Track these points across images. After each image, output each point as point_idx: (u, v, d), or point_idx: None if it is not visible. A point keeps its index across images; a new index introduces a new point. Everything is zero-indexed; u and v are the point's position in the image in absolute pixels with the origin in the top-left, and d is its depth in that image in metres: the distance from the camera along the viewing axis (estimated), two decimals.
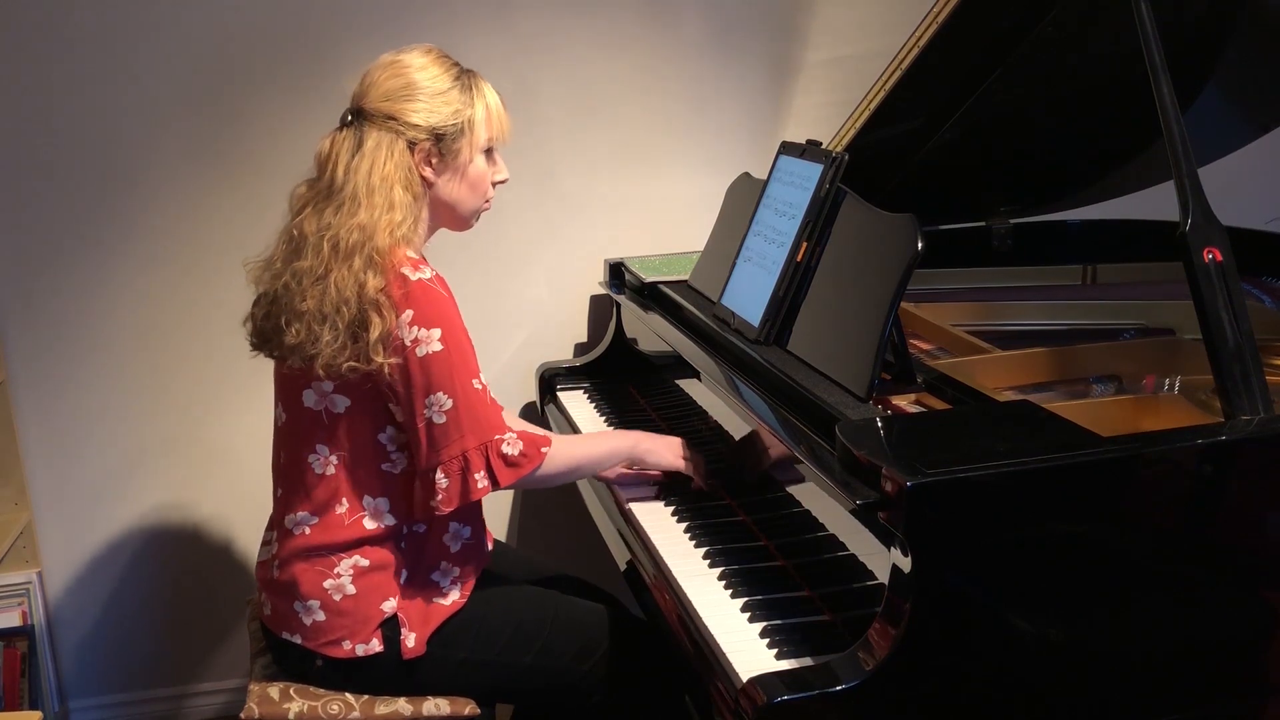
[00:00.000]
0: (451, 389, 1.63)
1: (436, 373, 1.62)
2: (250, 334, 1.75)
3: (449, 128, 1.68)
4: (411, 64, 1.69)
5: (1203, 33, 1.98)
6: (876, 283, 1.66)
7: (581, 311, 2.68)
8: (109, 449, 2.48)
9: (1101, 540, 1.39)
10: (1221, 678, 1.47)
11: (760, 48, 2.61)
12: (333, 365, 1.60)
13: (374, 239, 1.61)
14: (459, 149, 1.70)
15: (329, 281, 1.60)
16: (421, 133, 1.67)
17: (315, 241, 1.62)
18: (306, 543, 1.72)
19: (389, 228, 1.62)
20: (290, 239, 1.68)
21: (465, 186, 1.73)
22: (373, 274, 1.60)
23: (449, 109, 1.68)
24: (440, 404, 1.62)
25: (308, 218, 1.66)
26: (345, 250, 1.60)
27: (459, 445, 1.64)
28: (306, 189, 1.71)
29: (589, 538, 2.08)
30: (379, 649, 1.71)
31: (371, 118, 1.66)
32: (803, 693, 1.30)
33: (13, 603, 2.44)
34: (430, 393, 1.62)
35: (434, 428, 1.63)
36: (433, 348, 1.61)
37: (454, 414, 1.63)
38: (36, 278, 2.37)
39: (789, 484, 1.71)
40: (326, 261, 1.61)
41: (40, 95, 2.29)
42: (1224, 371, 1.48)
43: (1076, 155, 2.30)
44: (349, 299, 1.59)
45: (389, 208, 1.63)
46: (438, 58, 1.71)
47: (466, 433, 1.64)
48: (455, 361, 1.63)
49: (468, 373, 1.65)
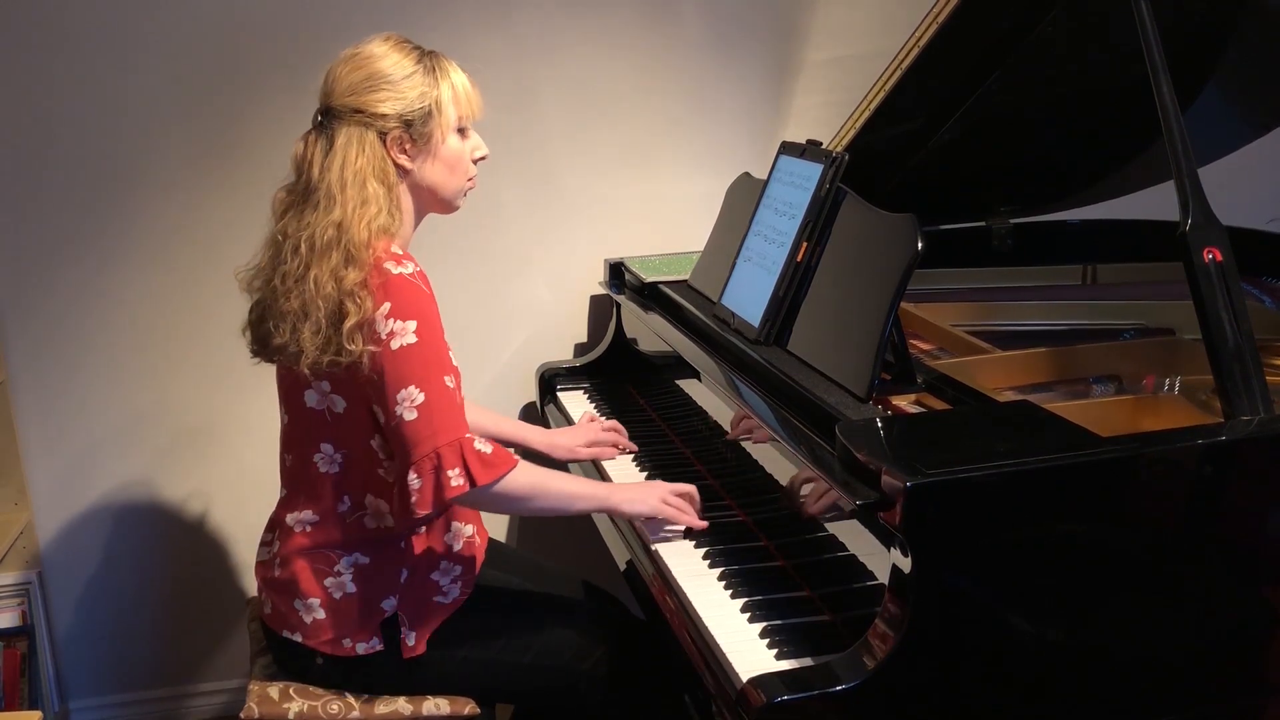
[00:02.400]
0: (425, 383, 1.60)
1: (409, 366, 1.60)
2: (250, 342, 1.75)
3: (417, 112, 1.67)
4: (372, 54, 1.68)
5: (1203, 33, 1.98)
6: (876, 283, 1.66)
7: (581, 311, 2.68)
8: (109, 449, 2.48)
9: (1101, 540, 1.39)
10: (1221, 678, 1.47)
11: (760, 48, 2.61)
12: (317, 363, 1.60)
13: (349, 233, 1.61)
14: (430, 131, 1.69)
15: (308, 280, 1.60)
16: (390, 121, 1.66)
17: (294, 242, 1.63)
18: (307, 541, 1.72)
19: (364, 220, 1.62)
20: (274, 244, 1.69)
21: (443, 168, 1.72)
22: (352, 268, 1.59)
23: (414, 93, 1.67)
24: (412, 399, 1.60)
25: (289, 221, 1.66)
26: (322, 247, 1.60)
27: (430, 443, 1.60)
28: (286, 194, 1.71)
29: (589, 538, 2.08)
30: (379, 648, 1.71)
31: (340, 114, 1.66)
32: (803, 693, 1.30)
33: (13, 603, 2.44)
34: (403, 386, 1.60)
35: (405, 425, 1.60)
36: (407, 340, 1.60)
37: (425, 409, 1.60)
38: (36, 278, 2.37)
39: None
40: (305, 260, 1.61)
41: (40, 95, 2.29)
42: (1224, 371, 1.48)
43: (1076, 155, 2.30)
44: (328, 294, 1.59)
45: (363, 202, 1.63)
46: (397, 44, 1.70)
47: (439, 429, 1.60)
48: (429, 356, 1.62)
49: (440, 369, 1.63)
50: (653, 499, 1.77)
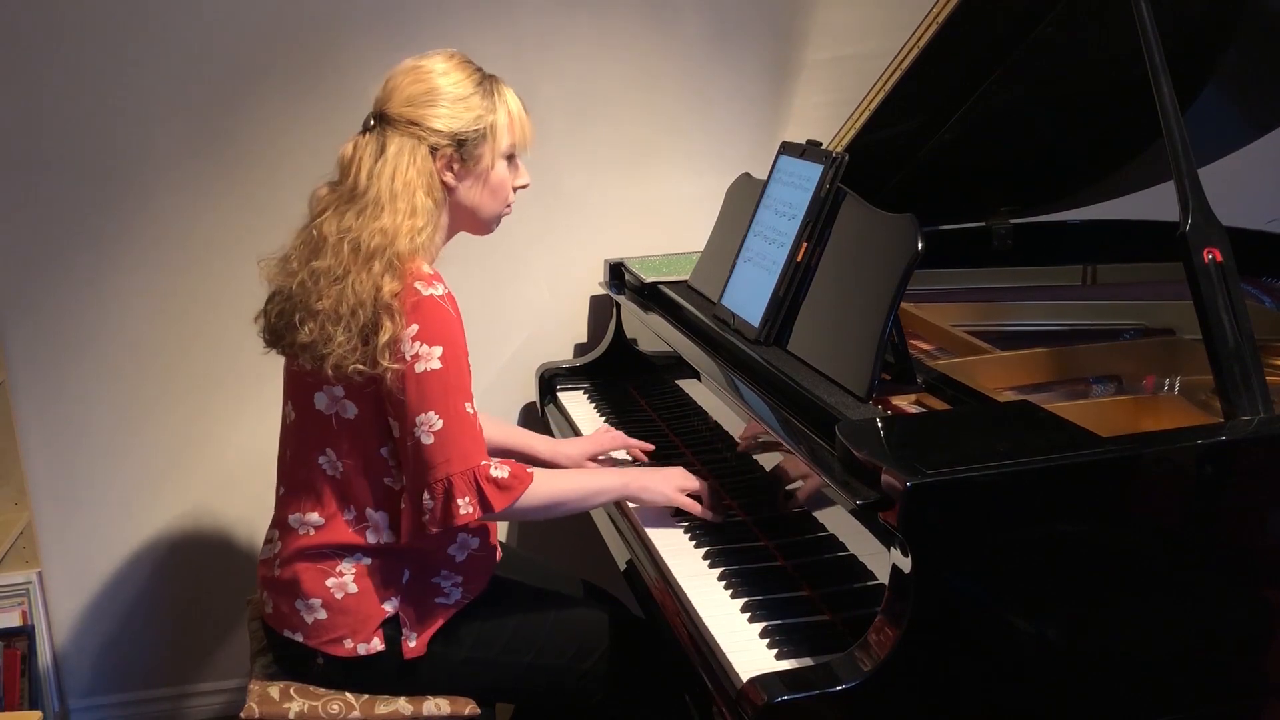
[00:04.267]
0: (444, 410, 1.61)
1: (431, 391, 1.61)
2: (263, 330, 1.75)
3: (471, 133, 1.68)
4: (434, 69, 1.68)
5: (1203, 33, 1.98)
6: (876, 283, 1.66)
7: (581, 311, 2.68)
8: (109, 448, 2.48)
9: (1101, 540, 1.39)
10: (1221, 678, 1.47)
11: (760, 48, 2.61)
12: (341, 367, 1.60)
13: (395, 244, 1.61)
14: (480, 154, 1.70)
15: (347, 283, 1.60)
16: (443, 138, 1.66)
17: (335, 243, 1.62)
18: (310, 542, 1.72)
19: (410, 233, 1.62)
20: (309, 239, 1.68)
21: (487, 192, 1.73)
22: (390, 278, 1.60)
23: (471, 115, 1.68)
24: (430, 424, 1.61)
25: (328, 219, 1.66)
26: (366, 253, 1.60)
27: (444, 469, 1.61)
28: (328, 191, 1.70)
29: (589, 538, 2.08)
30: (380, 648, 1.71)
31: (394, 123, 1.66)
32: (802, 692, 1.30)
33: (13, 603, 2.44)
34: (421, 411, 1.61)
35: (421, 448, 1.61)
36: (431, 365, 1.61)
37: (442, 436, 1.61)
38: (36, 278, 2.37)
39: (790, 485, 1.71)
40: (346, 263, 1.61)
41: (40, 94, 2.29)
42: (1224, 371, 1.48)
43: (1076, 155, 2.30)
44: (365, 301, 1.59)
45: (411, 213, 1.63)
46: (460, 63, 1.71)
47: (453, 458, 1.61)
48: (450, 383, 1.62)
49: (461, 395, 1.63)
50: (669, 488, 1.80)
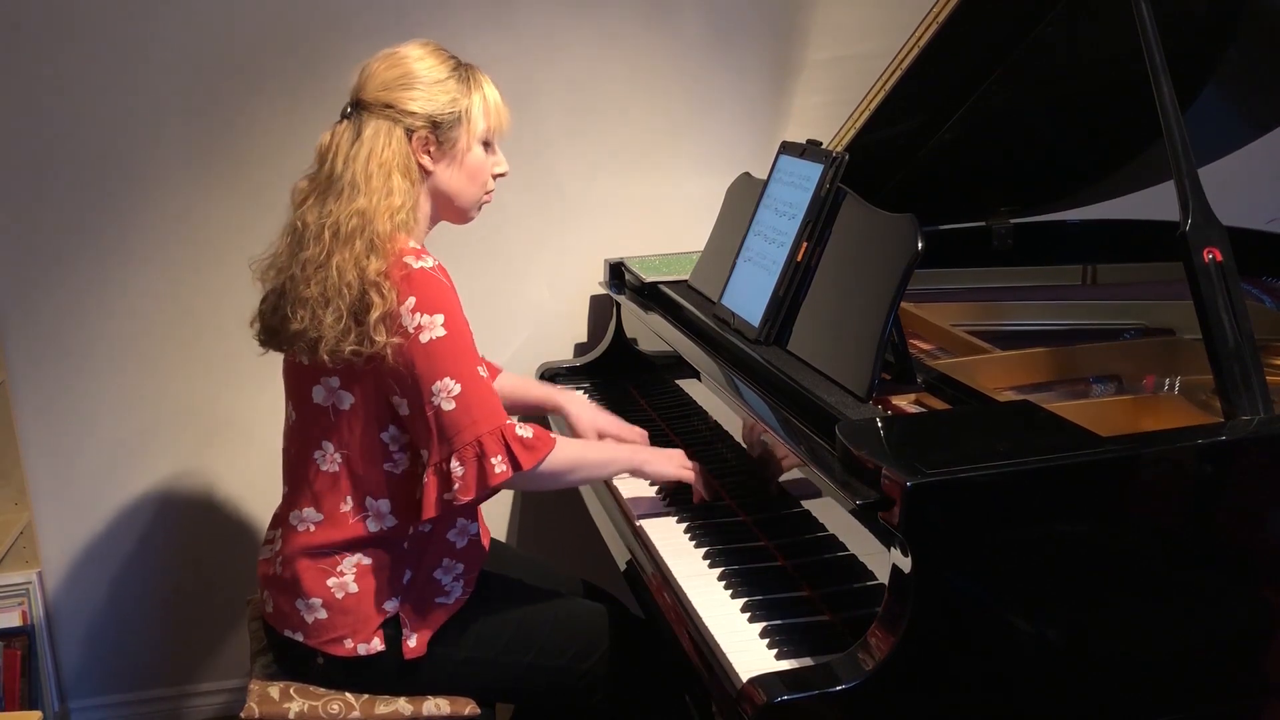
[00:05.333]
0: (459, 374, 1.62)
1: (441, 358, 1.61)
2: (258, 332, 1.75)
3: (446, 116, 1.69)
4: (409, 55, 1.70)
5: (1203, 33, 1.98)
6: (876, 283, 1.66)
7: (581, 311, 2.68)
8: (109, 449, 2.48)
9: (1101, 540, 1.39)
10: (1221, 678, 1.47)
11: (760, 48, 2.61)
12: (337, 350, 1.60)
13: (373, 223, 1.62)
14: (456, 137, 1.71)
15: (330, 266, 1.61)
16: (419, 120, 1.67)
17: (317, 231, 1.63)
18: (310, 540, 1.72)
19: (388, 212, 1.63)
20: (293, 232, 1.69)
21: (464, 176, 1.74)
22: (374, 257, 1.61)
23: (446, 97, 1.69)
24: (449, 389, 1.61)
25: (309, 209, 1.67)
26: (345, 235, 1.61)
27: (472, 431, 1.62)
28: (307, 183, 1.72)
29: (589, 537, 2.08)
30: (380, 648, 1.71)
31: (370, 107, 1.67)
32: (802, 693, 1.30)
33: (13, 603, 2.44)
34: (437, 379, 1.61)
35: (443, 415, 1.62)
36: (436, 333, 1.61)
37: (463, 399, 1.62)
38: (36, 278, 2.37)
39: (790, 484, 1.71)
40: (327, 247, 1.62)
41: (40, 95, 2.29)
42: (1224, 371, 1.48)
43: (1076, 155, 2.30)
44: (350, 282, 1.60)
45: (388, 193, 1.64)
46: (434, 50, 1.72)
47: (479, 418, 1.62)
48: (459, 347, 1.63)
49: (471, 359, 1.65)
50: (673, 465, 1.85)
